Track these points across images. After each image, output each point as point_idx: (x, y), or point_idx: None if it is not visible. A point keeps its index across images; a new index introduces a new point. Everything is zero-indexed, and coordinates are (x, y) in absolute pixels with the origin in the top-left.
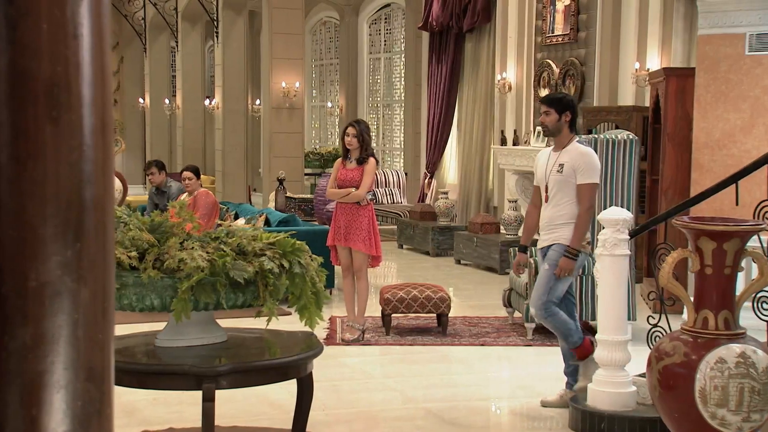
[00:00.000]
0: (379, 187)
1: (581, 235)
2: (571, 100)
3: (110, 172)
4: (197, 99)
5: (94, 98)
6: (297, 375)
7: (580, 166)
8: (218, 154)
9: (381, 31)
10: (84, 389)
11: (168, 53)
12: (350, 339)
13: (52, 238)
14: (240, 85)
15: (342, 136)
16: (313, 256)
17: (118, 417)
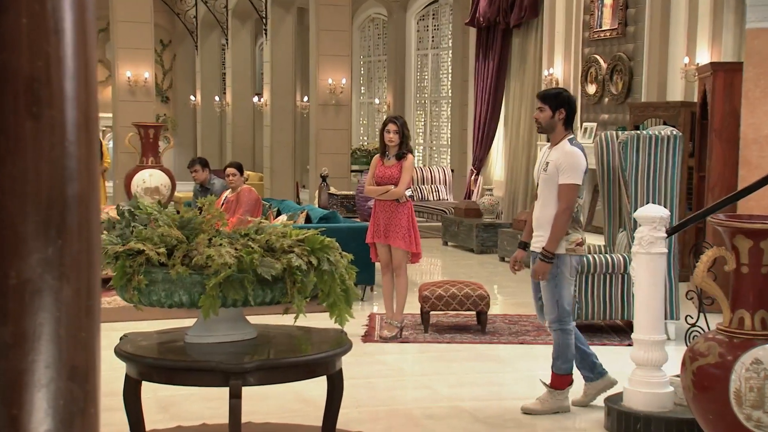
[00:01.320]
0: (424, 184)
1: (556, 238)
2: (567, 96)
3: (95, 169)
4: (247, 96)
5: (77, 94)
6: (325, 372)
7: (563, 166)
8: (266, 151)
9: (429, 28)
10: (66, 388)
11: (219, 51)
12: (388, 336)
13: (32, 236)
14: (288, 82)
15: (381, 133)
16: (343, 253)
17: (154, 412)
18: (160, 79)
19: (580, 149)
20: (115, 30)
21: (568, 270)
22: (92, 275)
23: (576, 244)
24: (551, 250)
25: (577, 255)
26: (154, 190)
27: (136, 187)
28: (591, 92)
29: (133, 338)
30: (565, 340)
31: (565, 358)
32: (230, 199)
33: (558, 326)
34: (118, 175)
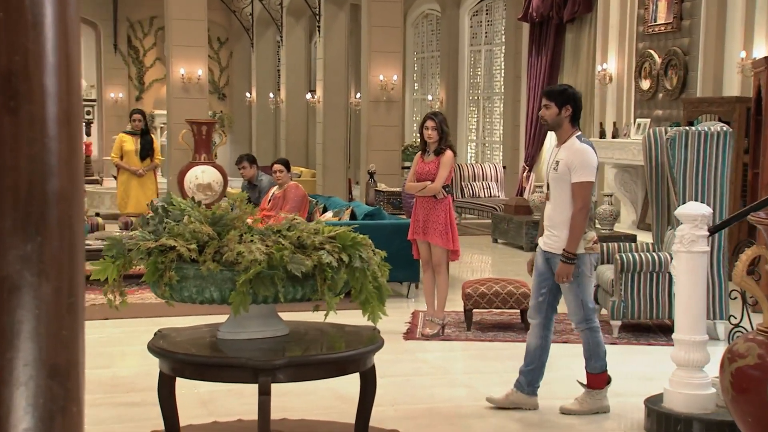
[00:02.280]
0: (476, 181)
1: (576, 238)
2: (572, 93)
3: (77, 165)
4: (300, 93)
5: (58, 89)
6: (356, 369)
7: (574, 164)
8: (319, 148)
9: (482, 23)
10: (46, 386)
11: (274, 48)
12: (430, 334)
13: (10, 232)
14: (340, 79)
15: (421, 130)
16: (376, 250)
17: (193, 407)
18: (217, 77)
19: (590, 146)
20: (170, 28)
21: (588, 269)
22: (74, 273)
23: (593, 242)
24: (573, 251)
25: (595, 253)
26: (207, 186)
27: (189, 184)
28: (645, 87)
29: (166, 334)
30: (594, 339)
31: (598, 356)
32: (277, 196)
33: (585, 326)
34: (171, 171)
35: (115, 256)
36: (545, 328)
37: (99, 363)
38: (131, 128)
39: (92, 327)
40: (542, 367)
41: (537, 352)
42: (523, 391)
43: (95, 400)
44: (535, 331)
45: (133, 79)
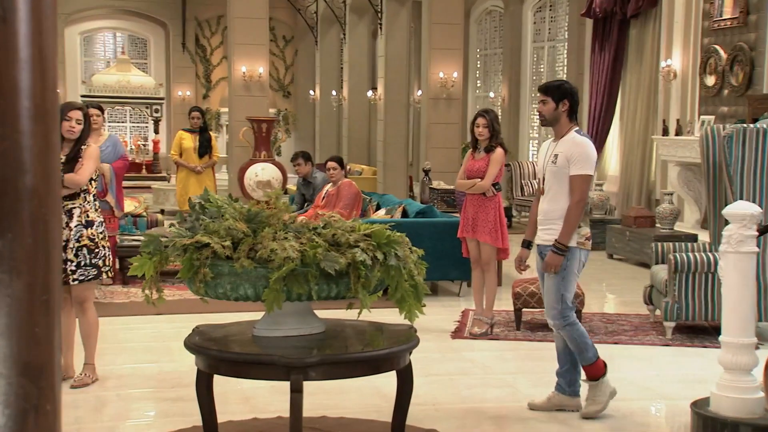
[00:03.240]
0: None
1: (571, 230)
2: (569, 88)
3: (51, 162)
4: (362, 90)
5: (31, 84)
6: (391, 368)
7: (573, 157)
8: (379, 145)
9: (545, 19)
10: (18, 384)
11: (337, 46)
12: (478, 333)
13: None
14: (402, 77)
15: (471, 127)
16: (413, 248)
17: (234, 403)
18: (282, 74)
19: (589, 140)
20: (232, 26)
21: (577, 264)
22: (50, 270)
23: (585, 238)
24: (565, 243)
25: (585, 249)
26: (266, 183)
27: (249, 181)
28: (710, 84)
29: (204, 330)
30: (577, 332)
31: (587, 347)
32: (331, 193)
33: (563, 322)
34: (232, 168)
35: (152, 252)
36: None
37: (146, 358)
38: (190, 126)
39: (144, 322)
40: (576, 366)
41: (565, 351)
42: (564, 392)
43: (141, 394)
44: (561, 330)
45: (200, 78)
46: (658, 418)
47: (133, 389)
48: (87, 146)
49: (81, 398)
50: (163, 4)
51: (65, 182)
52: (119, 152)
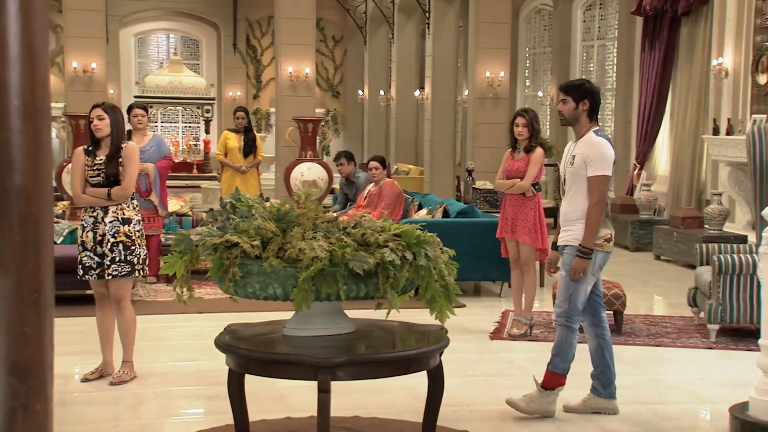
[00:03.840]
0: None
1: (592, 232)
2: (590, 87)
3: (43, 160)
4: (410, 90)
5: (21, 82)
6: (420, 368)
7: (590, 157)
8: (426, 145)
9: (595, 18)
10: (7, 384)
11: (386, 45)
12: (517, 334)
13: None
14: (449, 76)
15: (511, 127)
16: (444, 248)
17: (268, 402)
18: (332, 75)
19: (607, 140)
20: (279, 26)
21: (592, 266)
22: (41, 269)
23: (604, 240)
24: (588, 246)
25: (604, 251)
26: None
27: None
28: (762, 82)
29: (235, 329)
30: (568, 338)
31: (565, 357)
32: (373, 193)
33: (564, 321)
34: (278, 168)
35: (183, 251)
36: (597, 326)
37: (186, 356)
38: (235, 126)
39: (186, 320)
40: (609, 368)
41: (598, 353)
42: (600, 395)
43: (179, 392)
44: (588, 332)
45: (251, 78)
46: (698, 422)
47: (171, 387)
48: (125, 146)
49: (119, 395)
50: (214, 5)
51: (113, 196)
52: (163, 152)
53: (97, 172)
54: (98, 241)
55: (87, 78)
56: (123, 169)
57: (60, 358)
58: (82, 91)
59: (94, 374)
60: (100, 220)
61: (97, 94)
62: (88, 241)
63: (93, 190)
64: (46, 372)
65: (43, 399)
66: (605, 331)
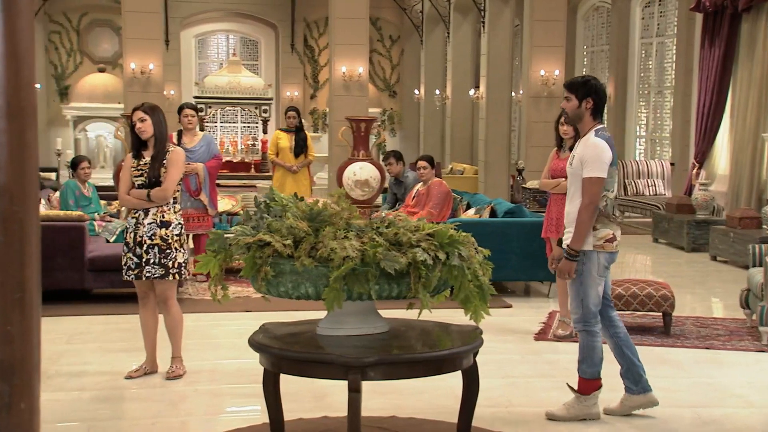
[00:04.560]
0: (640, 178)
1: (581, 234)
2: (595, 85)
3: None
4: (466, 89)
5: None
6: (452, 369)
7: (585, 158)
8: (481, 144)
9: (653, 14)
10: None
11: (442, 45)
12: (562, 335)
13: None
14: (504, 75)
15: (556, 126)
16: (479, 248)
17: (307, 401)
18: (388, 74)
19: (606, 140)
20: (333, 26)
21: (596, 268)
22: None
23: (605, 240)
24: (575, 248)
25: (606, 252)
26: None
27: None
28: None
29: (269, 328)
30: (590, 342)
31: (591, 362)
32: (421, 192)
33: (582, 327)
34: (331, 168)
35: (217, 250)
36: (609, 326)
37: (230, 354)
38: (286, 125)
39: (233, 318)
40: (634, 364)
41: (618, 351)
42: (633, 392)
43: (220, 390)
44: (603, 334)
45: (308, 78)
46: (743, 426)
47: (212, 385)
48: (172, 150)
49: (162, 392)
50: (273, 6)
51: (152, 197)
52: (213, 152)
53: (141, 172)
54: (138, 242)
55: (145, 79)
56: (166, 171)
57: (109, 355)
58: (140, 92)
59: (137, 372)
60: (140, 222)
61: (154, 95)
62: (131, 242)
63: (135, 191)
64: (32, 371)
65: (28, 398)
66: (618, 329)
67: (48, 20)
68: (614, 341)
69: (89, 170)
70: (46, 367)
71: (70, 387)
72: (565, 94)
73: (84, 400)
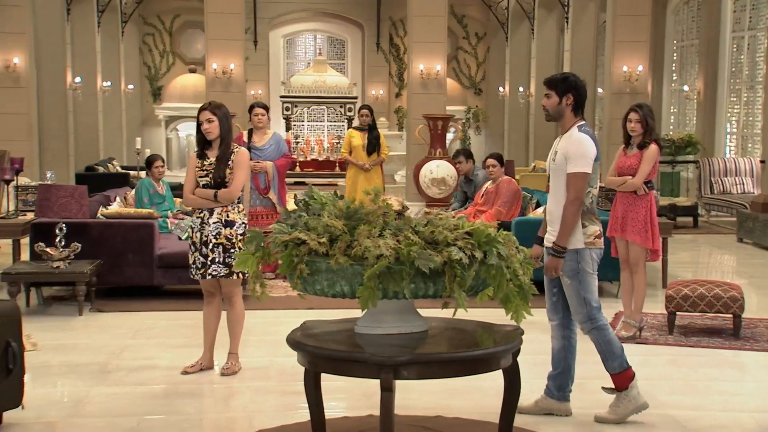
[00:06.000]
0: (727, 176)
1: (567, 231)
2: (574, 81)
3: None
4: None
5: None
6: (488, 369)
7: (569, 154)
8: None
9: (746, 7)
10: None
11: (527, 42)
12: (625, 336)
13: None
14: (587, 71)
15: (624, 122)
16: (520, 247)
17: (355, 399)
18: (474, 72)
19: (590, 136)
20: (411, 24)
21: (590, 264)
22: None
23: (595, 237)
24: (562, 245)
25: (597, 248)
26: (441, 180)
27: (424, 178)
28: None
29: (308, 326)
30: (604, 337)
31: (614, 355)
32: (490, 190)
33: (591, 325)
34: (409, 166)
35: (255, 248)
36: (566, 327)
37: (285, 352)
38: (359, 124)
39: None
40: (569, 370)
41: (560, 354)
42: (553, 396)
43: (270, 387)
44: (555, 332)
45: (393, 77)
46: None
47: (265, 382)
48: (237, 151)
49: (214, 388)
50: (360, 5)
51: (219, 198)
52: (282, 150)
53: (206, 173)
54: (203, 241)
55: (226, 79)
56: (231, 172)
57: (170, 351)
58: (222, 92)
59: (194, 367)
60: (206, 221)
61: (235, 95)
62: (197, 241)
63: (200, 191)
64: None
65: None
66: (573, 334)
67: (142, 23)
68: (563, 343)
69: (163, 169)
70: (107, 362)
71: (128, 382)
72: (545, 92)
73: (138, 395)
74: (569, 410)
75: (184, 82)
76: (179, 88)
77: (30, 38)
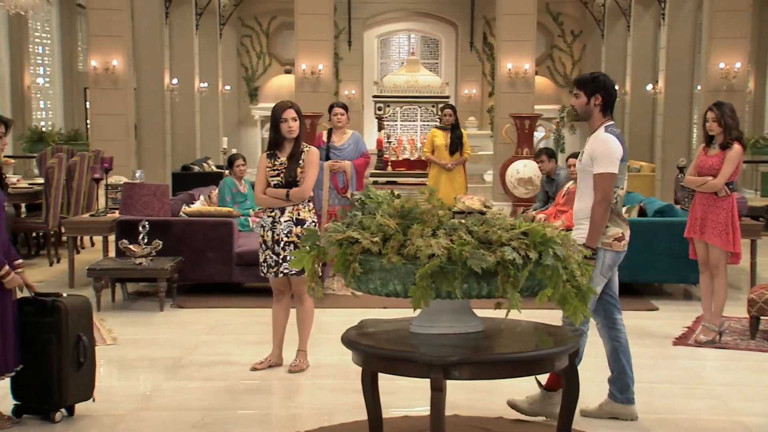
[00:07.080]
0: None
1: (596, 231)
2: (603, 81)
3: None
4: (645, 84)
5: None
6: (543, 370)
7: (596, 154)
8: (658, 141)
9: None
10: None
11: (623, 39)
12: (703, 341)
13: None
14: (684, 68)
15: (703, 121)
16: (580, 247)
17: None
18: (569, 70)
19: (616, 136)
20: (500, 23)
21: (600, 266)
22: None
23: (614, 239)
24: (592, 245)
25: (614, 251)
26: (527, 180)
27: (510, 178)
28: None
29: (364, 324)
30: None
31: None
32: (571, 190)
33: None
34: (495, 165)
35: (311, 246)
36: (611, 328)
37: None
38: (442, 123)
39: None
40: (626, 373)
41: (613, 356)
42: (617, 400)
43: (335, 385)
44: (603, 335)
45: (487, 76)
46: None
47: (329, 380)
48: (307, 150)
49: (281, 385)
50: (454, 4)
51: (291, 197)
52: (361, 150)
53: (277, 172)
54: (275, 240)
55: (314, 79)
56: (303, 171)
57: (242, 347)
58: (310, 92)
59: (263, 364)
60: (277, 220)
61: (323, 95)
62: (268, 240)
63: (272, 190)
64: None
65: None
66: (621, 334)
67: (240, 24)
68: (613, 345)
69: (244, 168)
70: (180, 357)
71: (198, 377)
72: (574, 92)
73: (206, 390)
74: (634, 414)
75: (280, 83)
76: (275, 88)
77: (128, 41)
